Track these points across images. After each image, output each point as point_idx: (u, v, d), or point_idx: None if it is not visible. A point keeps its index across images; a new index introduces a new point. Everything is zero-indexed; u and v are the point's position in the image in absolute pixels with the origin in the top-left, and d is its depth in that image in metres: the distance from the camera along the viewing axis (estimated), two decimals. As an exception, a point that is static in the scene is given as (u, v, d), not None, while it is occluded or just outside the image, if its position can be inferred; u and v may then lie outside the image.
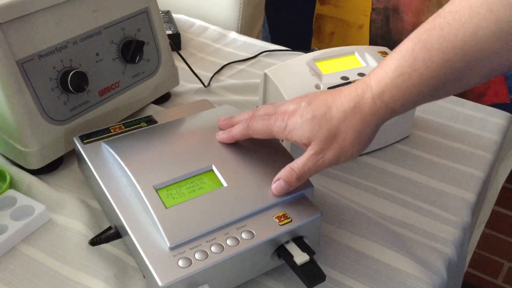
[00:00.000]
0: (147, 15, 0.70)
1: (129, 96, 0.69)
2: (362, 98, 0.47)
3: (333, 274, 0.53)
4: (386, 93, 0.46)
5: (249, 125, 0.53)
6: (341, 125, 0.47)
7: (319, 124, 0.48)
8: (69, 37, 0.61)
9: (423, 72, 0.44)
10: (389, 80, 0.45)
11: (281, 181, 0.50)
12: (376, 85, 0.46)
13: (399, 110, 0.47)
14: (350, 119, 0.47)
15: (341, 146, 0.48)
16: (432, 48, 0.43)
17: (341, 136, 0.48)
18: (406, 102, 0.46)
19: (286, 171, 0.50)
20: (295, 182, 0.50)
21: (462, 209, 0.61)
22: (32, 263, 0.52)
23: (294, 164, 0.50)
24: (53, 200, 0.59)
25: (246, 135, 0.54)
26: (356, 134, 0.47)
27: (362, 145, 0.49)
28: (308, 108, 0.49)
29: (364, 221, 0.58)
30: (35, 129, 0.59)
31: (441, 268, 0.54)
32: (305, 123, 0.48)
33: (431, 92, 0.45)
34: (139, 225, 0.48)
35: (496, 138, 0.73)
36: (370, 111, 0.47)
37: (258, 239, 0.47)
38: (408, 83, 0.45)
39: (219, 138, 0.56)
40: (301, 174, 0.49)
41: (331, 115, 0.48)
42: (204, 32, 1.01)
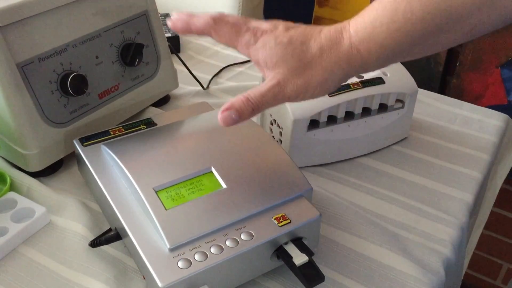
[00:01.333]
0: (146, 18, 0.70)
1: (128, 98, 0.70)
2: (340, 41, 0.45)
3: (332, 275, 0.53)
4: (362, 43, 0.44)
5: (216, 23, 0.47)
6: (315, 59, 0.45)
7: (292, 51, 0.45)
8: (69, 40, 0.61)
9: (403, 24, 0.42)
10: (367, 30, 0.44)
11: (232, 112, 0.45)
12: (354, 33, 0.45)
13: (370, 63, 0.45)
14: (325, 57, 0.45)
15: (306, 82, 0.45)
16: (413, 0, 0.42)
17: (310, 71, 0.45)
18: (380, 55, 0.44)
19: (239, 100, 0.45)
20: (248, 114, 0.45)
21: (459, 210, 0.62)
22: (32, 265, 0.53)
23: (250, 94, 0.45)
24: (53, 202, 0.59)
25: (206, 31, 0.47)
26: (326, 75, 0.45)
27: (325, 89, 0.46)
28: (285, 33, 0.46)
29: (363, 222, 0.58)
30: (35, 131, 0.59)
31: (439, 268, 0.54)
32: (279, 46, 0.45)
33: (407, 47, 0.44)
34: (139, 226, 0.48)
35: (493, 139, 0.74)
36: (345, 56, 0.45)
37: (257, 240, 0.47)
38: (386, 35, 0.43)
39: (172, 23, 0.48)
40: (257, 106, 0.45)
41: (307, 47, 0.45)
42: (203, 35, 1.01)
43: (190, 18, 0.48)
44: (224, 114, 0.45)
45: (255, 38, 0.46)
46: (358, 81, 0.65)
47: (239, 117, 0.45)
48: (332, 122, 0.65)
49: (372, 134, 0.68)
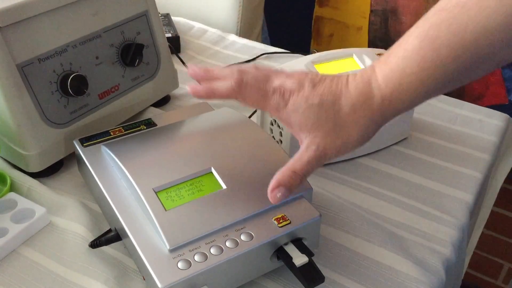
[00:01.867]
0: (147, 18, 0.70)
1: (128, 99, 0.70)
2: (371, 95, 0.44)
3: (332, 276, 0.53)
4: (394, 94, 0.43)
5: (240, 87, 0.46)
6: (348, 119, 0.44)
7: (326, 114, 0.44)
8: (69, 41, 0.61)
9: (433, 71, 0.42)
10: (397, 81, 0.43)
11: (282, 188, 0.44)
12: (384, 85, 0.44)
13: (403, 110, 0.45)
14: (359, 115, 0.44)
15: (344, 142, 0.45)
16: (441, 46, 0.41)
17: (346, 131, 0.44)
18: (412, 102, 0.44)
19: (287, 176, 0.45)
20: (296, 186, 0.45)
21: (460, 210, 0.62)
22: (32, 266, 0.53)
23: (295, 166, 0.45)
24: (54, 203, 0.59)
25: (232, 96, 0.47)
26: (362, 132, 0.45)
27: (363, 142, 0.46)
28: (314, 92, 0.45)
29: (363, 222, 0.58)
30: (35, 132, 0.59)
31: (440, 269, 0.54)
32: (311, 109, 0.44)
33: (438, 89, 0.44)
34: (139, 227, 0.48)
35: (494, 139, 0.74)
36: (378, 111, 0.44)
37: (257, 241, 0.47)
38: (417, 84, 0.43)
39: (194, 91, 0.47)
40: (304, 176, 0.45)
41: (339, 107, 0.44)
42: (203, 35, 1.01)
43: (212, 85, 0.47)
44: (275, 193, 0.45)
45: (284, 101, 0.45)
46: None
47: (289, 193, 0.45)
48: (332, 122, 0.65)
49: (373, 134, 0.68)
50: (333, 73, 0.67)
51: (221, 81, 0.47)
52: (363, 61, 0.70)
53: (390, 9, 1.25)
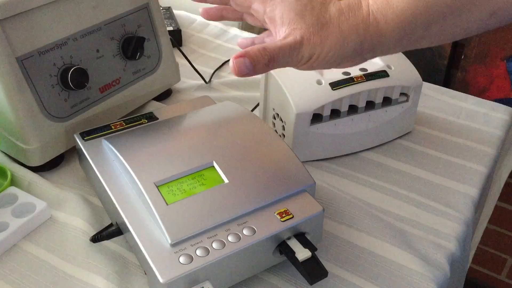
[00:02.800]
0: (148, 11, 0.70)
1: (129, 92, 0.69)
2: (359, 7, 0.43)
3: (335, 270, 0.52)
4: (380, 10, 0.43)
5: None
6: (332, 20, 0.43)
7: (312, 8, 0.43)
8: (69, 34, 0.60)
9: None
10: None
11: (246, 59, 0.42)
12: (372, 1, 0.43)
13: (387, 35, 0.43)
14: (342, 19, 0.43)
15: (321, 42, 0.43)
16: None
17: (327, 30, 0.43)
18: (397, 27, 0.42)
19: (255, 49, 0.42)
20: (263, 66, 0.42)
21: (465, 204, 0.61)
22: (33, 260, 0.52)
23: (267, 45, 0.42)
24: (54, 197, 0.59)
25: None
26: (341, 37, 0.43)
27: (337, 55, 0.44)
28: None
29: (366, 216, 0.58)
30: (35, 126, 0.59)
31: (444, 263, 0.54)
32: (299, 2, 0.43)
33: (425, 22, 0.42)
34: (140, 221, 0.48)
35: (499, 133, 0.73)
36: (362, 23, 0.43)
37: (260, 236, 0.47)
38: (404, 5, 0.42)
39: None
40: (273, 58, 0.42)
41: (326, 8, 0.43)
42: (205, 28, 1.00)
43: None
44: (238, 60, 0.42)
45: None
46: (362, 74, 0.65)
47: (253, 67, 0.42)
48: (335, 116, 0.65)
49: (376, 128, 0.68)
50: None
51: None
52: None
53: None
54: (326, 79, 0.64)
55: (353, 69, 0.66)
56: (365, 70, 0.65)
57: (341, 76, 0.65)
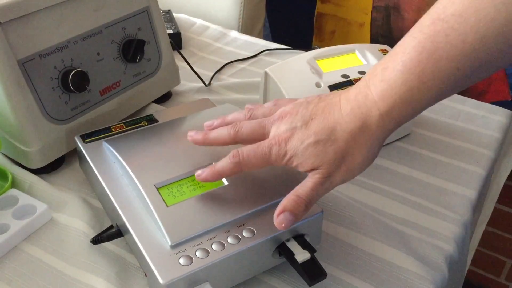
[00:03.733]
0: (148, 15, 0.70)
1: (130, 95, 0.70)
2: (368, 116, 0.43)
3: (334, 272, 0.53)
4: (394, 109, 0.43)
5: (240, 159, 0.47)
6: (348, 146, 0.44)
7: (324, 148, 0.44)
8: (70, 37, 0.61)
9: (433, 84, 0.41)
10: (396, 96, 0.42)
11: (287, 213, 0.44)
12: (381, 102, 0.43)
13: (406, 121, 0.45)
14: (358, 139, 0.44)
15: (349, 167, 0.45)
16: (441, 58, 0.40)
17: (349, 157, 0.44)
18: (414, 114, 0.44)
19: (291, 200, 0.44)
20: (302, 212, 0.45)
21: (463, 206, 0.61)
22: (34, 262, 0.53)
23: (299, 192, 0.45)
24: (55, 199, 0.59)
25: (237, 172, 0.48)
26: (365, 153, 0.45)
27: (369, 161, 0.46)
28: (306, 131, 0.45)
29: (365, 218, 0.58)
30: (36, 128, 0.59)
31: (442, 265, 0.54)
32: (309, 149, 0.44)
33: (438, 98, 0.43)
34: (141, 223, 0.48)
35: (497, 135, 0.73)
36: (379, 129, 0.44)
37: (259, 237, 0.47)
38: (418, 97, 0.42)
39: (201, 176, 0.48)
40: (309, 202, 0.45)
41: (336, 137, 0.44)
42: (205, 31, 1.01)
43: (214, 169, 0.48)
44: (280, 218, 0.44)
45: (282, 149, 0.45)
46: (361, 77, 0.65)
47: (294, 217, 0.44)
48: (334, 119, 0.65)
49: (375, 130, 0.68)
50: (335, 69, 0.67)
51: (222, 162, 0.48)
52: (365, 57, 0.69)
53: (392, 5, 1.24)
54: (325, 82, 0.64)
55: (352, 72, 0.66)
56: (364, 73, 0.66)
57: (340, 79, 0.65)
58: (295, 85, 0.63)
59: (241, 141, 0.48)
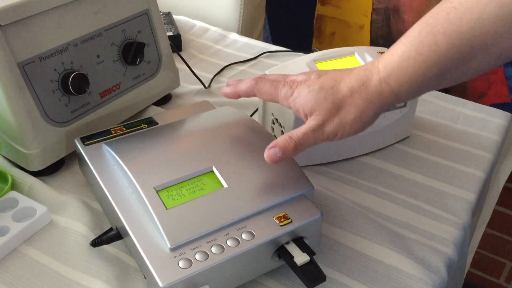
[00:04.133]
0: (148, 17, 0.70)
1: (130, 97, 0.70)
2: (369, 79, 0.48)
3: (333, 275, 0.53)
4: (392, 76, 0.47)
5: (257, 83, 0.53)
6: (346, 99, 0.48)
7: (325, 95, 0.49)
8: (70, 39, 0.61)
9: (429, 56, 0.45)
10: (395, 64, 0.46)
11: (276, 148, 0.49)
12: (383, 68, 0.47)
13: (403, 95, 0.48)
14: (356, 96, 0.48)
15: (341, 121, 0.48)
16: (438, 32, 0.44)
17: (344, 110, 0.48)
18: (411, 87, 0.47)
19: (283, 138, 0.49)
20: (291, 151, 0.49)
21: (462, 209, 0.62)
22: (33, 264, 0.53)
23: (293, 133, 0.49)
24: (55, 201, 0.59)
25: (251, 93, 0.54)
26: (359, 112, 0.48)
27: (361, 125, 0.49)
28: (317, 80, 0.50)
29: (364, 221, 0.58)
30: (36, 131, 0.59)
31: (442, 268, 0.54)
32: (311, 93, 0.49)
33: (436, 77, 0.46)
34: (140, 226, 0.48)
35: (496, 138, 0.73)
36: (376, 92, 0.48)
37: (259, 240, 0.47)
38: (414, 67, 0.45)
39: (224, 92, 0.56)
40: (299, 143, 0.49)
41: (338, 89, 0.49)
42: (204, 34, 1.01)
43: (237, 83, 0.55)
44: (270, 151, 0.49)
45: (291, 90, 0.51)
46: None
47: (283, 154, 0.49)
48: (334, 121, 0.65)
49: (374, 132, 0.68)
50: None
51: (245, 80, 0.55)
52: (365, 60, 0.70)
53: (392, 7, 1.24)
54: (324, 85, 0.64)
55: (352, 75, 0.66)
56: (363, 75, 0.66)
57: (340, 81, 0.65)
58: (295, 88, 0.63)
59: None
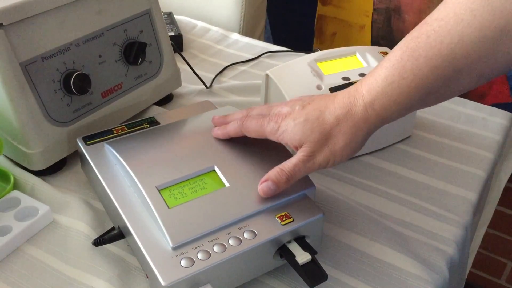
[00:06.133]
0: (150, 17, 0.70)
1: (131, 97, 0.70)
2: (354, 105, 0.48)
3: (335, 274, 0.53)
4: (376, 101, 0.47)
5: (243, 123, 0.53)
6: (333, 129, 0.48)
7: (311, 127, 0.48)
8: (72, 39, 0.61)
9: (412, 80, 0.45)
10: (379, 89, 0.46)
11: (269, 182, 0.49)
12: (367, 94, 0.47)
13: (389, 117, 0.48)
14: (343, 125, 0.48)
15: (331, 150, 0.48)
16: (420, 56, 0.44)
17: (332, 140, 0.48)
18: (396, 110, 0.47)
19: (275, 171, 0.49)
20: (284, 183, 0.49)
21: (463, 208, 0.62)
22: (36, 264, 0.53)
23: (284, 165, 0.49)
24: (57, 201, 0.59)
25: (239, 133, 0.54)
26: (347, 140, 0.48)
27: (352, 151, 0.49)
28: (301, 111, 0.50)
29: (366, 220, 0.58)
30: (38, 130, 0.59)
31: (443, 267, 0.54)
32: (298, 126, 0.49)
33: (421, 99, 0.46)
34: (142, 225, 0.48)
35: (497, 138, 0.73)
36: (362, 119, 0.48)
37: (260, 239, 0.47)
38: (398, 91, 0.46)
39: (214, 134, 0.57)
40: (291, 176, 0.49)
41: (323, 119, 0.49)
42: (206, 34, 1.01)
43: (225, 125, 0.56)
44: (263, 185, 0.50)
45: (277, 124, 0.50)
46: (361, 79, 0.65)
47: (276, 186, 0.49)
48: (335, 121, 0.65)
49: (376, 132, 0.68)
50: (336, 71, 0.67)
51: (231, 124, 0.55)
52: (366, 59, 0.70)
53: (393, 8, 1.24)
54: (326, 85, 0.64)
55: (353, 74, 0.67)
56: (364, 75, 0.66)
57: (341, 81, 0.65)
58: (296, 88, 0.64)
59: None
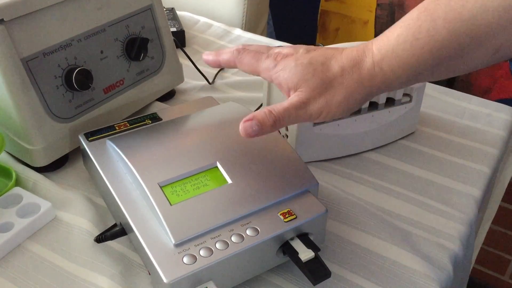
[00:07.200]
0: (151, 12, 0.70)
1: (133, 93, 0.69)
2: (362, 60, 0.45)
3: (338, 271, 0.53)
4: (385, 60, 0.44)
5: (239, 53, 0.50)
6: (336, 79, 0.45)
7: (313, 71, 0.45)
8: (74, 35, 0.61)
9: (426, 42, 0.42)
10: (390, 47, 0.44)
11: (253, 121, 0.45)
12: (377, 51, 0.44)
13: (394, 83, 0.45)
14: (347, 77, 0.45)
15: (327, 101, 0.45)
16: (438, 18, 0.41)
17: (331, 90, 0.45)
18: (403, 73, 0.44)
19: (262, 112, 0.45)
20: (269, 127, 0.45)
21: (468, 205, 0.61)
22: (38, 260, 0.53)
23: (274, 107, 0.45)
24: (59, 197, 0.59)
25: (232, 62, 0.50)
26: (348, 94, 0.45)
27: (347, 108, 0.46)
28: (306, 54, 0.47)
29: (370, 217, 0.58)
30: (40, 127, 0.59)
31: (447, 264, 0.54)
32: (299, 67, 0.45)
33: (431, 66, 0.43)
34: (144, 222, 0.48)
35: (502, 133, 0.73)
36: (368, 75, 0.45)
37: (263, 236, 0.47)
38: (409, 53, 0.43)
39: (205, 59, 0.52)
40: (279, 120, 0.45)
41: (328, 66, 0.45)
42: (208, 29, 1.01)
43: (219, 52, 0.51)
44: (245, 124, 0.45)
45: (275, 62, 0.47)
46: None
47: (260, 129, 0.45)
48: (338, 117, 0.65)
49: (379, 128, 0.68)
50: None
51: (226, 50, 0.51)
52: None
53: (397, 3, 1.24)
54: (329, 80, 0.64)
55: (356, 70, 0.66)
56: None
57: (344, 77, 0.65)
58: (299, 83, 0.63)
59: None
